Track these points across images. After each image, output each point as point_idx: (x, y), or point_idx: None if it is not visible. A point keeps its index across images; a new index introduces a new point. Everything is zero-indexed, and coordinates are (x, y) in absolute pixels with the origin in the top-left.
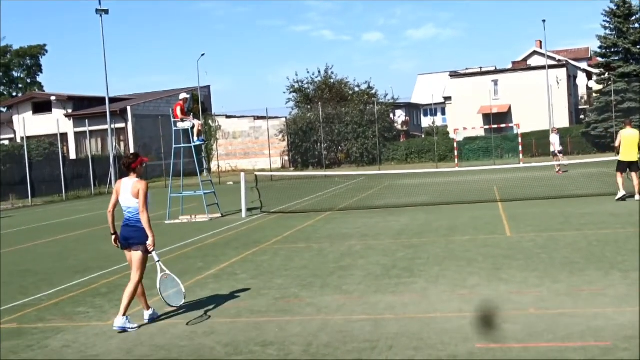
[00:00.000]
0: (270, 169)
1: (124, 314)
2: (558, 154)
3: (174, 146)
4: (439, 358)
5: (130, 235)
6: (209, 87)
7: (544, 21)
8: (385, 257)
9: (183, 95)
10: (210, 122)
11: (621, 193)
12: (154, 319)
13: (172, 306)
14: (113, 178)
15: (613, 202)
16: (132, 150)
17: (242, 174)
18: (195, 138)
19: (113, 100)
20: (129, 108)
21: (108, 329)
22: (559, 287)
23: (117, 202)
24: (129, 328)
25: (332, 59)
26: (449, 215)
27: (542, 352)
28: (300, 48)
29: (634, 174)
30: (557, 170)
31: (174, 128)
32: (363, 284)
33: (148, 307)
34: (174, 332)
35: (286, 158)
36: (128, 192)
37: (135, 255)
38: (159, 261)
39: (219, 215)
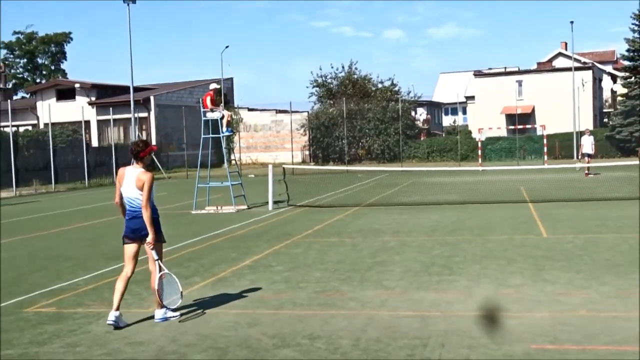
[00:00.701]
0: (292, 162)
1: (161, 306)
2: (587, 157)
3: (202, 136)
4: (494, 357)
5: (141, 226)
6: (231, 79)
7: (571, 22)
8: (421, 253)
9: (213, 86)
10: (232, 114)
11: None
12: (118, 325)
13: (171, 310)
14: None
15: None
16: (154, 141)
17: (270, 166)
18: (225, 129)
19: (136, 89)
20: (152, 98)
21: (149, 315)
22: (606, 289)
23: (121, 193)
24: (172, 317)
25: (352, 55)
26: (480, 214)
27: (600, 354)
28: (320, 44)
29: None
30: (586, 172)
31: (203, 118)
32: (404, 280)
33: (118, 308)
34: (217, 322)
35: (307, 152)
36: (132, 183)
37: (151, 247)
38: (158, 259)
39: (245, 207)
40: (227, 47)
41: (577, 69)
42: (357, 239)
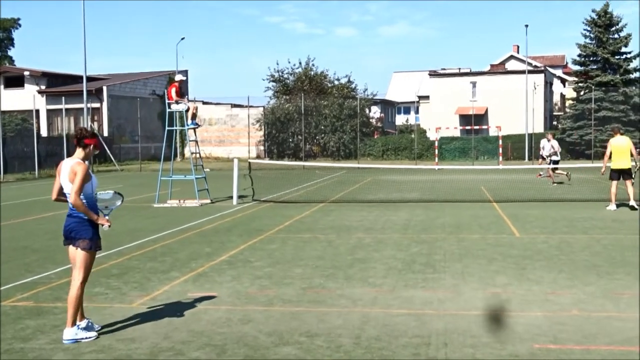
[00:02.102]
0: (249, 157)
1: (73, 324)
2: (546, 158)
3: (167, 128)
4: (500, 357)
5: (72, 228)
6: (186, 71)
7: (526, 26)
8: (400, 251)
9: (179, 77)
10: (197, 106)
11: (613, 206)
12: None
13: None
14: None
15: (627, 205)
16: (105, 132)
17: (235, 160)
18: (190, 121)
19: (89, 79)
20: (104, 88)
21: (134, 311)
22: (592, 289)
23: (61, 188)
24: (84, 338)
25: (304, 51)
26: (448, 213)
27: (604, 355)
28: (273, 39)
29: (627, 182)
30: (539, 174)
31: (167, 110)
32: (389, 278)
33: (82, 317)
34: (208, 318)
35: (262, 148)
36: (65, 177)
37: (78, 253)
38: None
39: (209, 201)
40: (182, 38)
41: (529, 72)
42: (330, 236)
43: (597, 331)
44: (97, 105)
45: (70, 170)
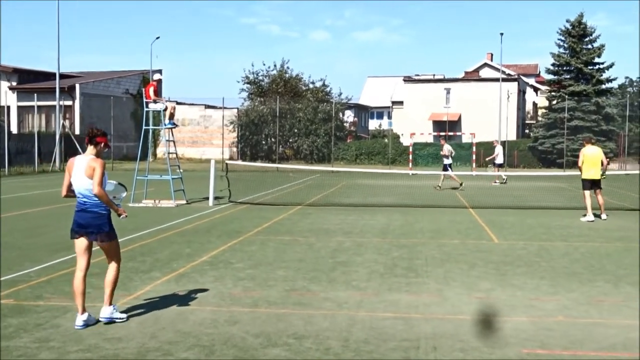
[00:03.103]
0: (223, 158)
1: (110, 304)
2: (497, 166)
3: (144, 127)
4: None
5: (89, 223)
6: (160, 71)
7: (501, 34)
8: (380, 255)
9: (157, 76)
10: (175, 106)
11: (589, 217)
12: (88, 325)
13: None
14: (58, 157)
15: (599, 216)
16: (77, 130)
17: (212, 161)
18: (167, 121)
19: (61, 76)
20: (77, 86)
21: (120, 311)
22: (575, 296)
23: (70, 184)
24: (118, 319)
25: (277, 54)
26: (425, 218)
27: None
28: (247, 41)
29: (598, 192)
30: (498, 181)
31: (145, 109)
32: (372, 281)
33: (84, 311)
34: (194, 318)
35: (235, 149)
36: (81, 172)
37: (105, 248)
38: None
39: (185, 201)
40: (157, 38)
41: (503, 80)
42: (310, 239)
43: (583, 337)
44: (69, 103)
45: (87, 166)
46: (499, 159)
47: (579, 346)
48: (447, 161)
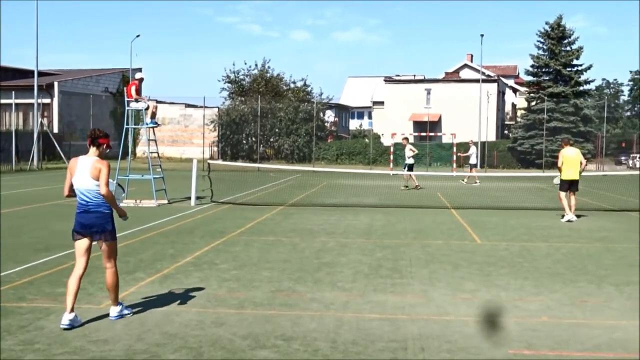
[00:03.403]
0: (203, 158)
1: (117, 303)
2: (471, 166)
3: (125, 126)
4: None
5: (93, 222)
6: (140, 69)
7: (482, 35)
8: (365, 256)
9: (139, 75)
10: (157, 105)
11: (570, 216)
12: (73, 326)
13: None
14: (36, 155)
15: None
16: (55, 129)
17: (194, 160)
18: (149, 120)
19: (39, 74)
20: (56, 84)
21: (104, 312)
22: (559, 296)
23: (72, 184)
24: (127, 314)
25: (259, 53)
26: (408, 219)
27: None
28: (228, 40)
29: (572, 195)
30: (465, 180)
31: (126, 107)
32: (358, 282)
33: (72, 310)
34: (180, 320)
35: (215, 149)
36: (85, 172)
37: (105, 247)
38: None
39: (166, 201)
40: (137, 36)
41: (483, 81)
42: (294, 239)
43: (568, 337)
44: (47, 101)
45: (92, 168)
46: (473, 159)
47: (564, 346)
48: (409, 161)
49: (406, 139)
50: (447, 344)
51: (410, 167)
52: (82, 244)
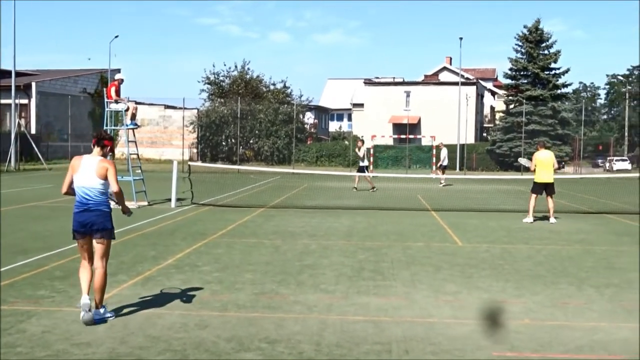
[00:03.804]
0: (183, 159)
1: (100, 307)
2: (441, 168)
3: (104, 127)
4: None
5: (93, 221)
6: (119, 70)
7: (460, 39)
8: (347, 258)
9: (119, 76)
10: (137, 107)
11: (530, 219)
12: (87, 312)
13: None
14: (13, 156)
15: (547, 219)
16: (33, 129)
17: (175, 162)
18: (129, 121)
19: (17, 74)
20: (33, 84)
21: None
22: (540, 298)
23: (71, 182)
24: (109, 317)
25: (238, 55)
26: (389, 220)
27: None
28: (207, 41)
29: (550, 198)
30: (441, 182)
31: (106, 109)
32: (340, 284)
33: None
34: (163, 322)
35: (194, 150)
36: (91, 171)
37: (102, 244)
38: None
39: (146, 203)
40: (116, 36)
41: (462, 84)
42: (276, 241)
43: (550, 339)
44: (25, 101)
45: (99, 167)
46: (445, 162)
47: (547, 348)
48: (363, 163)
49: (362, 141)
50: (431, 346)
51: (365, 169)
52: (84, 244)
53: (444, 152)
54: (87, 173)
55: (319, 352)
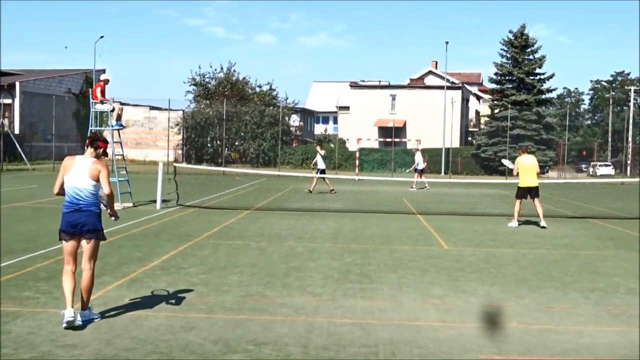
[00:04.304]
0: (168, 161)
1: (86, 308)
2: (418, 172)
3: (90, 128)
4: None
5: (83, 221)
6: (104, 70)
7: (447, 43)
8: (333, 260)
9: (104, 76)
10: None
11: (515, 223)
12: (73, 325)
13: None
14: None
15: (532, 223)
16: (17, 129)
17: (160, 163)
18: (114, 122)
19: (0, 74)
20: (17, 84)
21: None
22: (526, 302)
23: (63, 182)
24: (95, 318)
25: (223, 56)
26: (375, 224)
27: None
28: (192, 42)
29: (536, 200)
30: (412, 186)
31: (92, 109)
32: (327, 287)
33: (72, 305)
34: (149, 324)
35: (179, 152)
36: (83, 172)
37: (90, 245)
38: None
39: (131, 204)
40: (102, 37)
41: (448, 88)
42: (261, 244)
43: (537, 343)
44: (8, 101)
45: (92, 168)
46: (420, 165)
47: (533, 352)
48: (322, 166)
49: (320, 144)
50: (417, 349)
51: (322, 171)
52: (70, 246)
53: (418, 156)
54: (79, 174)
55: (307, 354)
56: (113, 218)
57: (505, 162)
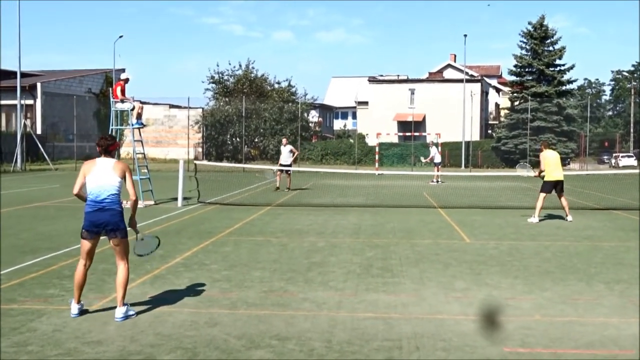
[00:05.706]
0: (188, 159)
1: (122, 304)
2: (437, 166)
3: (111, 127)
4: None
5: (107, 220)
6: (124, 70)
7: (465, 36)
8: (355, 255)
9: (125, 75)
10: (143, 106)
11: (536, 219)
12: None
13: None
14: (19, 157)
15: (553, 215)
16: (39, 130)
17: (181, 161)
18: (134, 120)
19: (22, 75)
20: (38, 85)
21: (96, 314)
22: (550, 295)
23: (83, 184)
24: (132, 315)
25: (242, 54)
26: (396, 218)
27: (572, 358)
28: (210, 41)
29: (562, 196)
30: (432, 180)
31: (112, 108)
32: (349, 282)
33: (78, 301)
34: (173, 320)
35: (199, 150)
36: (109, 170)
37: (119, 243)
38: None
39: (153, 202)
40: (121, 36)
41: (467, 81)
42: (283, 239)
43: (561, 335)
44: (30, 102)
45: (117, 167)
46: (437, 159)
47: (558, 344)
48: (288, 161)
49: (286, 138)
50: (441, 342)
51: (288, 166)
52: (90, 243)
53: (432, 150)
54: (104, 172)
55: (330, 349)
56: (133, 230)
57: (519, 171)
